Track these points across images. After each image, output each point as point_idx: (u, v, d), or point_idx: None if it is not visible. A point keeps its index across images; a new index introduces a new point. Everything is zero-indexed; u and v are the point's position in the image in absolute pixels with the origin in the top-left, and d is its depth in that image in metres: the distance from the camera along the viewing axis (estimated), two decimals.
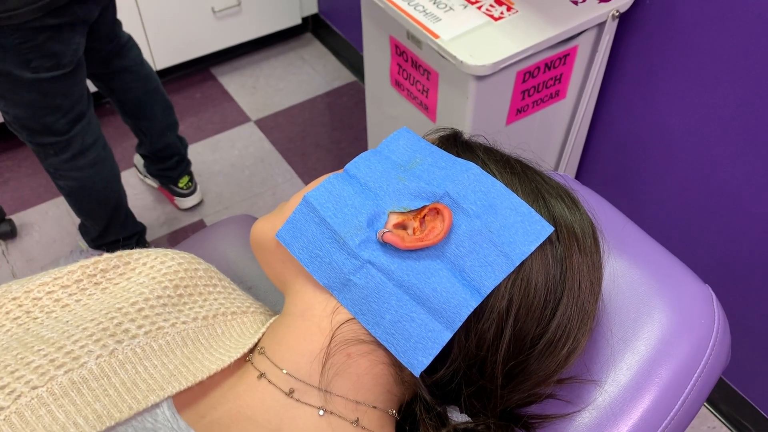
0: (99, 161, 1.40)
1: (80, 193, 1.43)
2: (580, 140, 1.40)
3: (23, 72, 1.18)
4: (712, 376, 0.55)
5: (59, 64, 1.21)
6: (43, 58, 1.18)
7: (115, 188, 1.49)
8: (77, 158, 1.36)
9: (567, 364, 0.48)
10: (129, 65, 1.51)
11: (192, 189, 1.84)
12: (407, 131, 0.53)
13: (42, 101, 1.24)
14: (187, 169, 1.82)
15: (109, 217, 1.52)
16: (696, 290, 0.57)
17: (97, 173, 1.41)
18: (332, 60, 2.35)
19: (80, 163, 1.37)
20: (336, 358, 0.46)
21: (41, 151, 1.34)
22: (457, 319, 0.44)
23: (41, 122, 1.27)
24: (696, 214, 1.25)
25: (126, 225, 1.59)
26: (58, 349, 0.43)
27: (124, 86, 1.54)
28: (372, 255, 0.46)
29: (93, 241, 1.60)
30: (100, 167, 1.41)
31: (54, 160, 1.35)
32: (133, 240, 1.64)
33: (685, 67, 1.14)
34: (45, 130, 1.29)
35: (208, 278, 0.55)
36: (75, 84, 1.28)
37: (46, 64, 1.19)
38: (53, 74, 1.21)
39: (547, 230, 0.45)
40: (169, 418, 0.44)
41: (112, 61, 1.48)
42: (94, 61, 1.44)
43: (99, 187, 1.43)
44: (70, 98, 1.29)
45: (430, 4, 1.14)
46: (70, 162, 1.36)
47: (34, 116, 1.26)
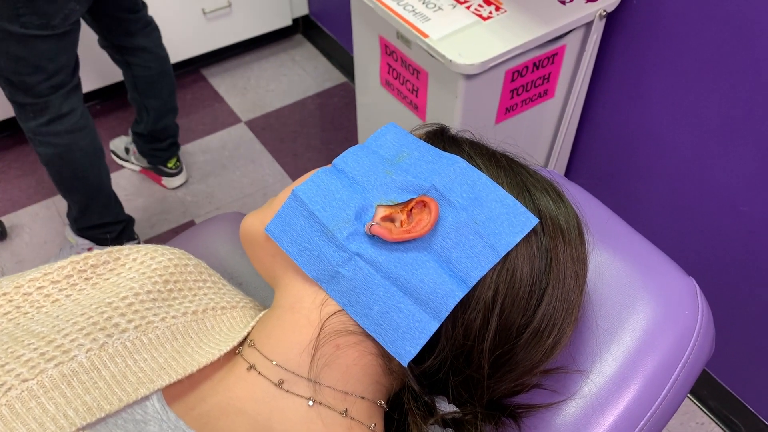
0: (77, 129, 1.42)
1: (57, 162, 1.44)
2: (569, 139, 1.41)
3: (13, 25, 1.21)
4: (696, 367, 0.56)
5: (49, 24, 1.24)
6: (33, 15, 1.21)
7: (95, 163, 1.49)
8: (54, 123, 1.38)
9: (553, 354, 0.48)
10: (150, 46, 1.61)
11: (179, 169, 1.91)
12: (394, 126, 0.53)
13: (27, 58, 1.27)
14: (177, 152, 1.89)
15: (89, 196, 1.53)
16: (680, 282, 0.58)
17: (74, 142, 1.42)
18: (323, 61, 2.36)
19: (57, 128, 1.39)
20: (325, 349, 0.46)
21: (20, 111, 1.36)
22: (443, 310, 0.44)
23: (22, 80, 1.29)
24: (682, 209, 1.26)
25: (109, 208, 1.60)
26: (49, 342, 0.43)
27: (142, 63, 1.62)
28: (360, 247, 0.46)
29: (75, 222, 1.60)
30: (77, 135, 1.42)
31: (32, 124, 1.37)
32: (119, 227, 1.64)
33: (671, 66, 1.15)
34: (25, 89, 1.31)
35: (198, 273, 0.56)
36: (63, 49, 1.31)
37: (35, 21, 1.22)
38: (42, 33, 1.24)
39: (531, 222, 0.46)
40: (158, 410, 0.44)
41: (136, 36, 1.57)
42: (119, 32, 1.55)
43: (76, 157, 1.44)
44: (55, 62, 1.31)
45: (419, 3, 1.15)
46: (47, 126, 1.37)
47: (16, 71, 1.28)
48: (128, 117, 2.12)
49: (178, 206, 1.89)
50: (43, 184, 1.92)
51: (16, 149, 2.00)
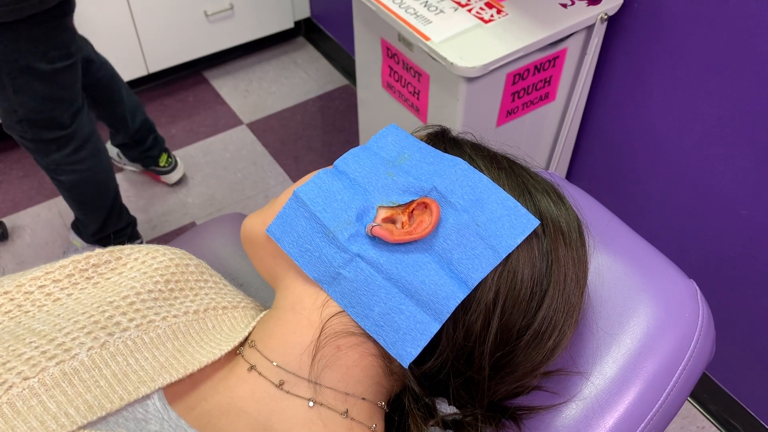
0: (97, 152, 1.43)
1: (82, 186, 1.44)
2: (570, 142, 1.41)
3: (40, 64, 1.20)
4: (697, 369, 0.56)
5: (69, 53, 1.24)
6: (58, 50, 1.21)
7: (113, 177, 1.51)
8: (79, 151, 1.38)
9: (553, 356, 0.48)
10: (91, 55, 1.56)
11: (173, 164, 1.90)
12: (396, 128, 0.53)
13: (54, 93, 1.27)
14: (163, 146, 1.88)
15: (109, 208, 1.53)
16: (681, 285, 0.58)
17: (97, 164, 1.43)
18: (324, 63, 2.36)
19: (82, 155, 1.39)
20: (326, 350, 0.46)
21: (44, 148, 1.35)
22: (444, 311, 0.44)
23: (50, 116, 1.29)
24: (683, 212, 1.27)
25: (122, 216, 1.61)
26: (50, 341, 0.43)
27: (92, 77, 1.57)
28: (361, 249, 0.46)
29: (93, 236, 1.61)
30: (98, 158, 1.43)
31: (56, 156, 1.36)
32: (128, 230, 1.65)
33: (672, 69, 1.15)
34: (52, 125, 1.31)
35: (199, 273, 0.56)
36: (78, 72, 1.31)
37: (60, 54, 1.22)
38: (65, 63, 1.24)
39: (533, 224, 0.46)
40: (159, 409, 0.44)
41: None
42: None
43: (100, 178, 1.45)
44: (74, 88, 1.31)
45: (420, 6, 1.15)
46: (73, 155, 1.37)
47: (44, 110, 1.27)
48: None
49: (179, 207, 1.89)
50: (44, 185, 1.92)
51: (18, 151, 2.00)
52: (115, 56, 1.98)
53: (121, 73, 2.05)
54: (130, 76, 2.08)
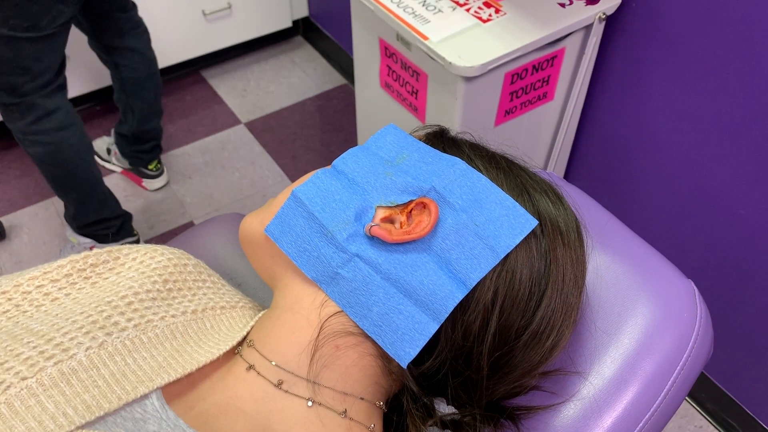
0: (65, 126, 1.42)
1: (49, 161, 1.44)
2: (568, 141, 1.41)
3: (1, 28, 1.21)
4: (695, 369, 0.56)
5: (36, 26, 1.25)
6: (21, 18, 1.22)
7: (86, 159, 1.49)
8: (42, 121, 1.38)
9: (551, 356, 0.48)
10: (140, 47, 1.62)
11: (160, 171, 1.92)
12: (394, 128, 0.53)
13: (13, 59, 1.27)
14: (159, 155, 1.90)
15: (83, 192, 1.53)
16: (679, 285, 0.58)
17: (63, 139, 1.42)
18: (323, 63, 2.36)
19: (45, 126, 1.39)
20: (324, 350, 0.46)
21: (7, 113, 1.37)
22: (443, 311, 0.44)
23: (7, 80, 1.30)
24: (681, 212, 1.27)
25: (105, 204, 1.60)
26: (48, 341, 0.43)
27: (130, 64, 1.63)
28: (360, 248, 0.46)
29: (75, 221, 1.61)
30: (66, 132, 1.42)
31: (20, 124, 1.38)
32: (118, 222, 1.64)
33: (671, 69, 1.16)
34: (9, 89, 1.32)
35: (197, 273, 0.56)
36: (49, 50, 1.32)
37: (23, 24, 1.23)
38: (29, 35, 1.25)
39: (531, 224, 0.46)
40: (158, 408, 0.44)
41: (126, 36, 1.58)
42: (109, 31, 1.55)
43: (67, 154, 1.44)
44: (41, 63, 1.32)
45: (419, 6, 1.15)
46: (35, 125, 1.38)
47: (3, 72, 1.29)
48: None
49: (177, 207, 1.89)
50: (41, 184, 1.92)
51: (15, 150, 2.00)
52: None
53: None
54: None
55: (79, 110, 2.13)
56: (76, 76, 1.99)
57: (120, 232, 1.66)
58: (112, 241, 1.67)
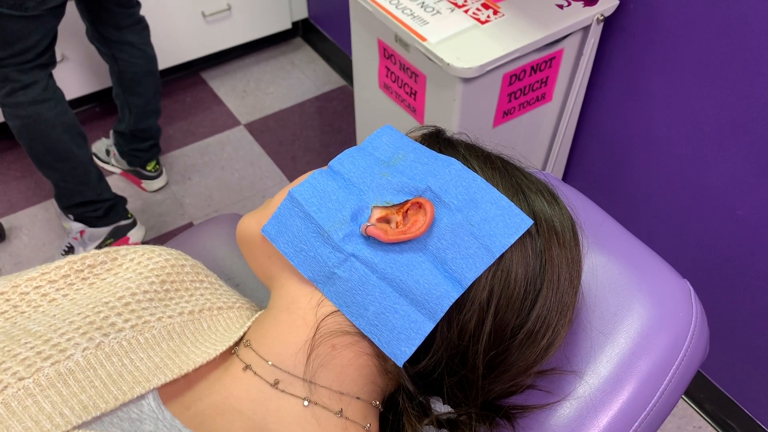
0: (40, 101, 1.42)
1: (25, 135, 1.44)
2: (567, 142, 1.42)
3: None
4: (690, 369, 0.56)
5: (21, 5, 1.26)
6: None
7: (64, 137, 1.48)
8: (16, 93, 1.39)
9: (547, 356, 0.49)
10: (140, 42, 1.63)
11: (159, 171, 1.92)
12: (390, 128, 0.53)
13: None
14: (157, 155, 1.90)
15: (62, 171, 1.52)
16: (674, 285, 0.58)
17: (38, 113, 1.42)
18: (322, 64, 2.37)
19: (20, 99, 1.39)
20: (320, 349, 0.46)
21: None
22: (439, 310, 0.44)
23: None
24: (680, 212, 1.27)
25: (88, 185, 1.58)
26: (45, 341, 0.44)
27: (129, 59, 1.64)
28: (356, 248, 0.46)
29: (59, 201, 1.61)
30: (41, 107, 1.42)
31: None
32: (104, 205, 1.63)
33: (668, 70, 1.16)
34: None
35: (194, 274, 0.56)
36: (34, 31, 1.33)
37: (9, 1, 1.25)
38: (13, 13, 1.27)
39: (526, 223, 0.46)
40: (154, 408, 0.44)
41: (126, 31, 1.59)
42: (109, 24, 1.56)
43: (42, 129, 1.44)
44: (23, 42, 1.32)
45: (417, 7, 1.15)
46: (9, 97, 1.39)
47: None
48: None
49: (176, 208, 1.89)
50: (41, 186, 1.92)
51: (15, 151, 2.00)
52: None
53: None
54: None
55: (78, 112, 2.13)
56: (76, 77, 1.99)
57: (108, 215, 1.65)
58: (102, 225, 1.66)
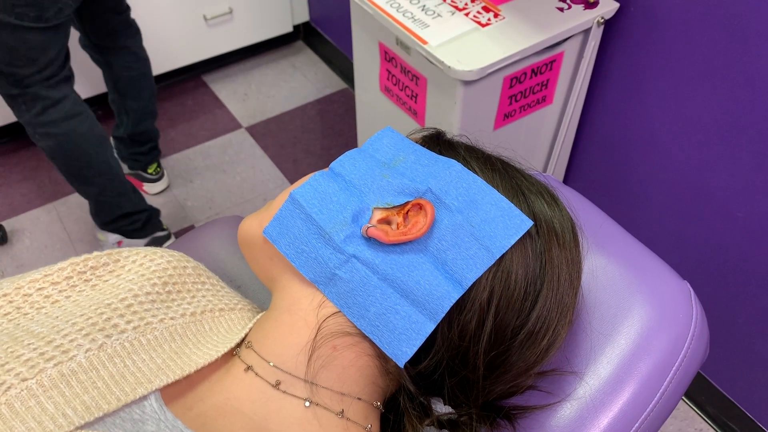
0: (73, 115, 1.41)
1: (61, 153, 1.43)
2: (567, 145, 1.42)
3: (8, 17, 1.22)
4: (690, 370, 0.57)
5: (42, 17, 1.25)
6: (28, 7, 1.22)
7: (99, 149, 1.48)
8: (48, 111, 1.38)
9: (547, 356, 0.49)
10: (134, 46, 1.63)
11: (160, 174, 1.92)
12: (391, 131, 0.54)
13: (20, 49, 1.27)
14: (158, 158, 1.90)
15: (101, 185, 1.51)
16: (674, 286, 0.59)
17: (72, 128, 1.41)
18: (323, 67, 2.37)
19: (53, 117, 1.38)
20: (322, 350, 0.47)
21: (13, 104, 1.37)
22: (439, 311, 0.45)
23: (13, 71, 1.30)
24: (680, 214, 1.27)
25: (126, 197, 1.58)
26: (48, 342, 0.44)
27: (123, 64, 1.63)
28: (357, 249, 0.47)
29: (98, 218, 1.60)
30: (74, 121, 1.41)
31: (27, 117, 1.37)
32: (143, 216, 1.63)
33: (669, 72, 1.16)
34: (15, 80, 1.32)
35: (196, 276, 0.56)
36: (55, 42, 1.32)
37: (30, 13, 1.23)
38: (35, 25, 1.25)
39: (526, 224, 0.47)
40: (156, 409, 0.44)
41: (119, 36, 1.58)
42: (102, 32, 1.55)
43: (78, 144, 1.43)
44: (47, 55, 1.32)
45: (418, 10, 1.15)
46: (42, 115, 1.37)
47: (8, 62, 1.29)
48: None
49: (178, 211, 1.89)
50: (43, 188, 1.93)
51: (18, 154, 2.00)
52: None
53: None
54: None
55: None
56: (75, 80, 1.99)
57: (146, 227, 1.65)
58: (140, 236, 1.66)
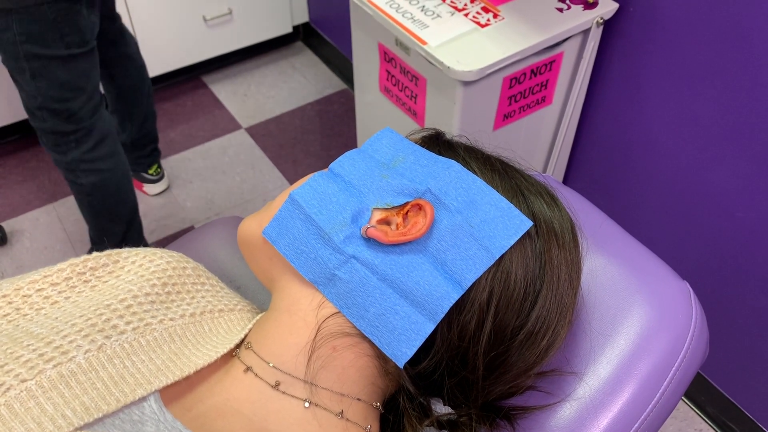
0: (117, 152, 1.41)
1: (102, 190, 1.42)
2: (567, 145, 1.42)
3: (59, 48, 1.20)
4: (690, 370, 0.56)
5: (84, 40, 1.24)
6: (74, 34, 1.20)
7: (131, 185, 1.49)
8: (99, 147, 1.36)
9: (547, 356, 0.49)
10: (131, 52, 1.62)
11: (160, 175, 1.92)
12: (390, 131, 0.54)
13: (71, 80, 1.25)
14: (158, 158, 1.90)
15: (129, 221, 1.52)
16: (674, 286, 0.59)
17: (116, 165, 1.41)
18: (323, 68, 2.37)
19: (102, 152, 1.37)
20: (321, 351, 0.47)
21: (63, 142, 1.34)
22: (439, 312, 0.45)
23: (67, 106, 1.28)
24: (680, 215, 1.27)
25: (141, 231, 1.60)
26: (47, 344, 0.44)
27: (125, 72, 1.62)
28: (356, 250, 0.47)
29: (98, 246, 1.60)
30: (117, 159, 1.42)
31: (76, 153, 1.35)
32: None
33: (668, 73, 1.16)
34: (69, 115, 1.29)
35: (196, 276, 0.56)
36: (95, 64, 1.31)
37: (76, 39, 1.21)
38: (82, 50, 1.24)
39: (526, 225, 0.47)
40: (156, 410, 0.44)
41: (118, 45, 1.57)
42: (103, 44, 1.51)
43: (120, 181, 1.43)
44: (93, 80, 1.31)
45: (418, 11, 1.15)
46: (92, 152, 1.36)
47: (61, 98, 1.26)
48: None
49: (178, 212, 1.89)
50: (43, 189, 1.92)
51: (17, 155, 2.00)
52: None
53: None
54: None
55: None
56: None
57: None
58: None
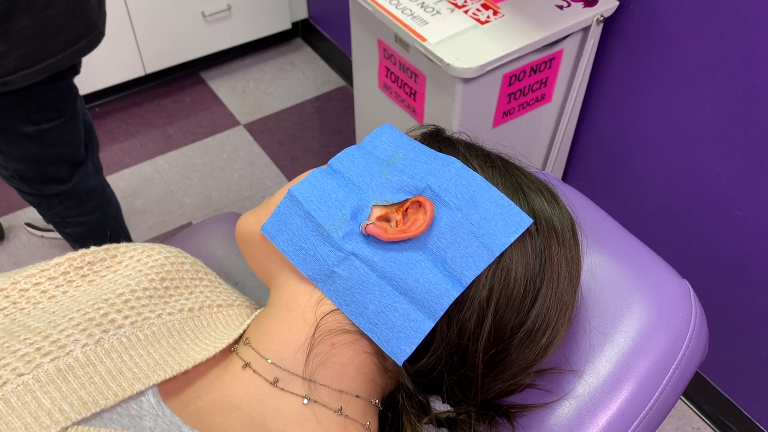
0: (104, 203, 1.34)
1: (92, 236, 1.35)
2: (566, 143, 1.42)
3: (24, 126, 1.10)
4: (689, 368, 0.56)
5: (61, 113, 1.15)
6: (45, 111, 1.11)
7: (122, 224, 1.43)
8: (84, 203, 1.30)
9: (546, 354, 0.49)
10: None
11: None
12: (390, 127, 0.54)
13: (45, 152, 1.17)
14: None
15: None
16: (674, 284, 0.58)
17: (104, 214, 1.35)
18: (322, 65, 2.37)
19: (88, 207, 1.31)
20: (320, 348, 0.46)
21: (45, 202, 1.27)
22: (439, 309, 0.44)
23: (44, 173, 1.20)
24: (679, 212, 1.27)
25: None
26: (45, 338, 0.44)
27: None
28: (355, 247, 0.47)
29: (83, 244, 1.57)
30: (105, 208, 1.35)
31: (59, 209, 1.29)
32: None
33: (667, 71, 1.16)
34: (49, 180, 1.22)
35: (194, 272, 0.56)
36: (75, 129, 1.21)
37: (48, 115, 1.12)
38: (54, 123, 1.14)
39: (526, 222, 0.46)
40: (154, 405, 0.44)
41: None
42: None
43: (108, 227, 1.37)
44: (71, 144, 1.21)
45: (417, 7, 1.15)
46: (77, 208, 1.29)
47: (36, 168, 1.18)
48: (127, 119, 2.12)
49: (176, 208, 1.89)
50: None
51: None
52: (112, 57, 1.98)
53: (118, 74, 2.06)
54: (127, 77, 2.08)
55: None
56: None
57: None
58: None
